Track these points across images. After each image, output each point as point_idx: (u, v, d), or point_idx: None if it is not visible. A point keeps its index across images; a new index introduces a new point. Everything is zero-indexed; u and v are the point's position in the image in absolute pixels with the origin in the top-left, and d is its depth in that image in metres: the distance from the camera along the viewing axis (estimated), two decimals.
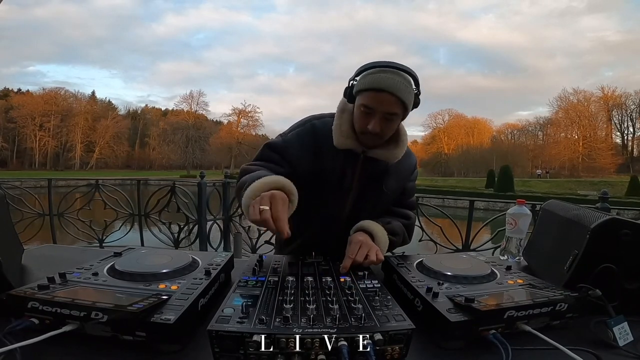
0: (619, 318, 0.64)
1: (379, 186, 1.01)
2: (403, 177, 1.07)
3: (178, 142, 47.74)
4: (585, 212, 0.84)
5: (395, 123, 0.92)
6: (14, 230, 0.94)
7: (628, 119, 46.49)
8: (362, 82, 0.89)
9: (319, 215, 1.04)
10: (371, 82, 0.87)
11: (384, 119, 0.88)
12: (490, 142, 54.62)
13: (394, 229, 1.02)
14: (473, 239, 2.66)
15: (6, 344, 0.50)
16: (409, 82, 0.88)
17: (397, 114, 0.89)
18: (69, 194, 3.39)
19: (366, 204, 1.03)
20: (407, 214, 1.11)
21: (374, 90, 0.86)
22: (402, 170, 1.06)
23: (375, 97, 0.86)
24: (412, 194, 1.15)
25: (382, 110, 0.87)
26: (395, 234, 1.02)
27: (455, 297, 0.64)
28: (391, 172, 1.02)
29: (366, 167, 0.99)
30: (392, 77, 0.86)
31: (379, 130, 0.89)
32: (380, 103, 0.87)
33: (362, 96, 0.89)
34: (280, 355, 0.50)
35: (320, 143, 0.97)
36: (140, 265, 0.74)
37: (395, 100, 0.86)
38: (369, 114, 0.88)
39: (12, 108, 43.46)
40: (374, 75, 0.87)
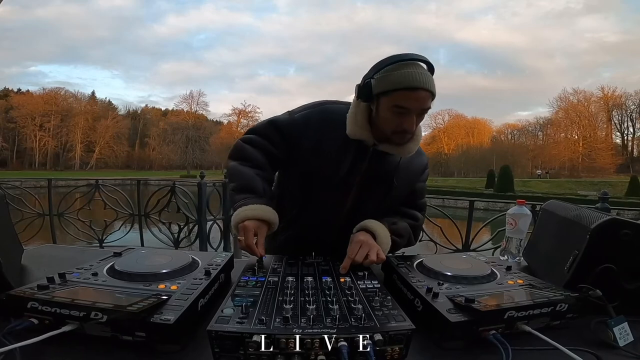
0: (619, 318, 0.64)
1: (387, 181, 0.97)
2: (413, 175, 1.04)
3: (178, 142, 47.74)
4: (585, 212, 0.84)
5: (424, 116, 0.90)
6: (13, 230, 0.94)
7: (628, 119, 46.55)
8: (390, 81, 0.83)
9: (316, 206, 1.01)
10: (402, 81, 0.82)
11: (419, 115, 0.86)
12: (490, 142, 54.64)
13: (398, 230, 1.00)
14: (473, 239, 2.66)
15: (6, 344, 0.50)
16: (430, 73, 0.86)
17: (430, 107, 0.86)
18: (69, 194, 3.39)
19: (370, 199, 1.00)
20: (415, 215, 1.08)
21: (408, 89, 0.82)
22: (412, 168, 1.03)
23: (410, 96, 0.82)
24: (422, 194, 1.12)
25: (419, 108, 0.85)
26: (400, 235, 1.00)
27: (455, 298, 0.63)
28: (401, 168, 0.98)
29: (374, 161, 0.95)
30: (421, 72, 0.83)
31: (414, 129, 0.87)
32: (417, 101, 0.83)
33: (394, 96, 0.83)
34: (280, 355, 0.50)
35: (329, 129, 0.94)
36: (140, 265, 0.74)
37: (429, 95, 0.84)
38: (403, 114, 0.84)
39: (12, 108, 43.46)
40: (402, 73, 0.82)
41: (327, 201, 1.00)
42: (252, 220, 0.86)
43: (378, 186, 0.98)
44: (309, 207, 1.02)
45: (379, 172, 0.97)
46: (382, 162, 0.96)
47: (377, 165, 0.96)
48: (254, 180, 0.93)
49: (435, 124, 58.01)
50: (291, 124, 0.97)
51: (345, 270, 0.78)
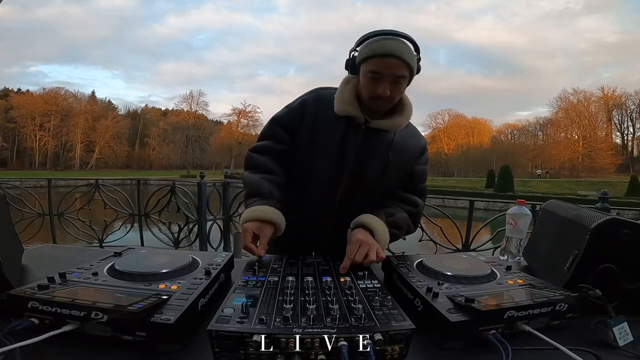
0: (619, 318, 0.64)
1: (382, 157, 0.98)
2: (409, 155, 1.04)
3: (178, 142, 47.72)
4: (585, 212, 0.84)
5: (403, 86, 0.94)
6: (14, 230, 0.94)
7: (628, 119, 46.53)
8: (367, 50, 0.90)
9: (315, 185, 1.01)
10: (377, 49, 0.88)
11: (393, 82, 0.90)
12: (490, 142, 54.63)
13: (397, 222, 0.99)
14: (473, 239, 2.66)
15: (6, 344, 0.50)
16: (411, 48, 0.91)
17: (404, 76, 0.91)
18: (68, 193, 3.39)
19: (365, 178, 1.00)
20: (414, 200, 1.06)
21: (381, 55, 0.88)
22: (408, 148, 1.03)
23: (383, 62, 0.88)
24: (422, 178, 1.09)
25: (391, 74, 0.89)
26: (399, 227, 1.00)
27: (455, 297, 0.64)
28: (395, 144, 0.99)
29: (368, 138, 0.98)
30: (397, 43, 0.88)
31: (388, 93, 0.90)
32: (389, 67, 0.88)
33: (369, 63, 0.90)
34: (280, 355, 0.50)
35: (322, 111, 0.99)
36: (140, 265, 0.74)
37: (402, 64, 0.88)
38: (377, 79, 0.90)
39: (12, 108, 43.44)
40: (379, 42, 0.89)
41: (326, 180, 1.00)
42: (252, 222, 0.89)
43: (373, 163, 0.99)
44: (309, 189, 1.03)
45: (373, 148, 0.98)
46: (376, 138, 0.98)
47: (371, 142, 0.98)
48: (259, 184, 0.96)
49: (435, 124, 58.07)
50: (290, 114, 1.02)
51: (345, 270, 0.78)
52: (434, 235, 2.77)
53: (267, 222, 0.90)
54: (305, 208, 1.05)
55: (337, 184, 1.01)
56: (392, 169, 1.00)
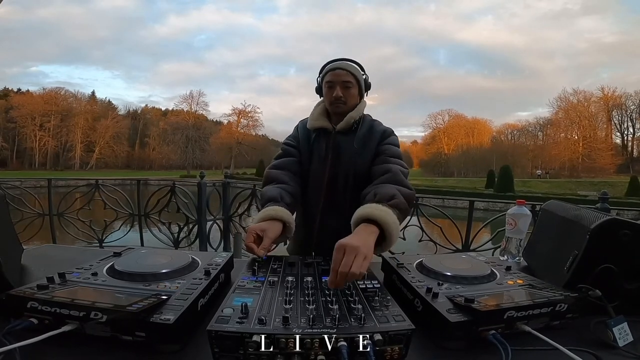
0: (618, 318, 0.64)
1: (350, 147, 1.20)
2: (373, 139, 1.21)
3: (178, 142, 47.65)
4: (585, 212, 0.84)
5: (352, 90, 1.20)
6: (13, 230, 0.94)
7: (628, 119, 46.49)
8: (324, 71, 1.23)
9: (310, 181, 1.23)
10: (328, 67, 1.22)
11: (343, 87, 1.18)
12: (490, 143, 54.59)
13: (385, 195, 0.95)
14: (473, 240, 2.66)
15: (6, 344, 0.50)
16: (356, 66, 1.22)
17: (350, 82, 1.19)
18: (68, 194, 3.38)
19: (341, 167, 1.20)
20: (386, 167, 1.08)
21: (331, 70, 1.20)
22: (370, 137, 1.22)
23: (333, 73, 1.19)
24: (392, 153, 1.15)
25: (340, 81, 1.18)
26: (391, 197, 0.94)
27: (455, 298, 0.64)
28: (359, 137, 1.21)
29: (337, 139, 1.22)
30: (343, 61, 1.22)
31: (340, 95, 1.18)
32: (338, 76, 1.18)
33: (325, 79, 1.21)
34: (280, 355, 0.50)
35: (307, 131, 1.27)
36: (139, 265, 0.74)
37: (347, 73, 1.18)
38: (331, 87, 1.19)
39: (12, 108, 43.42)
40: (331, 64, 1.22)
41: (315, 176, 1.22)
42: (258, 223, 0.95)
43: (345, 154, 1.20)
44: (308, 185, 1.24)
45: (343, 144, 1.21)
46: (344, 139, 1.22)
47: (341, 140, 1.21)
48: (272, 192, 1.08)
49: (435, 124, 58.04)
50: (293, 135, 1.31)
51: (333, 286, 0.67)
52: (433, 235, 2.77)
53: (276, 220, 0.96)
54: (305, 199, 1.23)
55: (323, 175, 1.20)
56: (359, 157, 1.18)
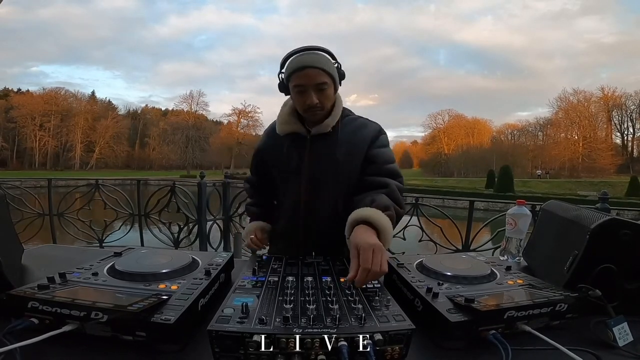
0: (618, 318, 0.64)
1: (331, 157, 1.04)
2: (360, 145, 1.05)
3: (178, 142, 47.68)
4: (585, 212, 0.84)
5: (329, 91, 1.00)
6: (13, 230, 0.94)
7: (628, 119, 46.50)
8: (288, 68, 1.00)
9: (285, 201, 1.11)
10: (295, 65, 0.97)
11: (317, 90, 0.98)
12: (490, 143, 54.58)
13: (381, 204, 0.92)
14: (473, 240, 2.65)
15: (6, 343, 0.50)
16: (327, 57, 1.00)
17: (326, 82, 0.98)
18: (68, 194, 3.38)
19: (321, 180, 1.04)
20: (382, 182, 1.01)
21: (299, 69, 0.97)
22: (357, 140, 1.06)
23: (302, 75, 0.97)
24: (384, 160, 1.05)
25: (313, 83, 0.97)
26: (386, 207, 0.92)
27: (455, 298, 0.64)
28: (342, 143, 1.05)
29: (315, 146, 1.05)
30: (311, 55, 0.98)
31: (316, 101, 0.98)
32: (309, 78, 0.96)
33: (292, 79, 0.99)
34: (280, 355, 0.50)
35: (274, 137, 1.11)
36: (140, 265, 0.74)
37: (320, 72, 0.97)
38: (303, 92, 0.98)
39: (12, 108, 43.41)
40: (296, 59, 0.98)
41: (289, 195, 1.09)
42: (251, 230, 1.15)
43: (326, 164, 1.04)
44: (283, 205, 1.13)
45: (323, 151, 1.05)
46: (323, 144, 1.05)
47: (319, 149, 1.05)
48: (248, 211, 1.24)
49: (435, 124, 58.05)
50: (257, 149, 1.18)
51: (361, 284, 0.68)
52: (434, 235, 2.77)
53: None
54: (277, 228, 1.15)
55: (298, 194, 1.06)
56: (344, 167, 1.04)
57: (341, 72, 1.05)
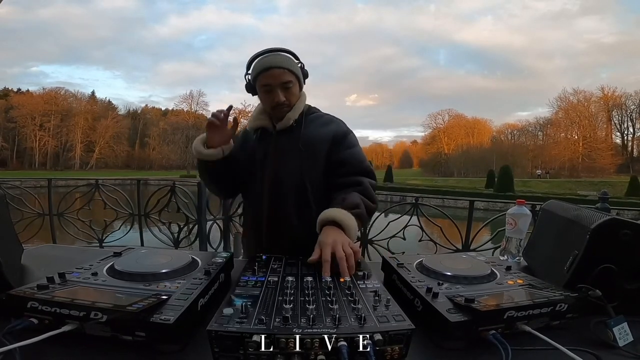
0: (618, 318, 0.64)
1: (295, 151, 1.09)
2: (324, 140, 1.10)
3: (178, 142, 47.68)
4: (585, 212, 0.84)
5: (294, 89, 1.09)
6: (13, 230, 0.94)
7: (628, 119, 46.53)
8: (254, 70, 1.07)
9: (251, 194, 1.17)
10: (260, 66, 1.05)
11: (283, 89, 1.06)
12: (490, 142, 54.64)
13: (351, 202, 0.99)
14: (473, 239, 2.65)
15: (6, 344, 0.50)
16: (290, 57, 1.09)
17: (291, 81, 1.06)
18: (68, 193, 3.38)
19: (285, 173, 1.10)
20: (356, 180, 1.07)
21: (265, 70, 1.04)
22: (321, 135, 1.11)
23: (268, 75, 1.04)
24: (357, 159, 1.10)
25: (278, 82, 1.05)
26: (355, 205, 0.99)
27: (455, 298, 0.63)
28: (306, 137, 1.10)
29: (280, 140, 1.12)
30: (275, 56, 1.06)
31: (283, 99, 1.06)
32: (274, 77, 1.04)
33: (259, 80, 1.07)
34: (280, 355, 0.50)
35: (246, 135, 1.20)
36: (140, 265, 0.74)
37: (285, 71, 1.05)
38: (269, 91, 1.06)
39: (12, 108, 43.42)
40: (261, 61, 1.06)
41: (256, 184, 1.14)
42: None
43: (291, 156, 1.10)
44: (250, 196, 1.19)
45: (287, 147, 1.11)
46: (287, 139, 1.12)
47: (284, 143, 1.12)
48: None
49: (435, 124, 58.11)
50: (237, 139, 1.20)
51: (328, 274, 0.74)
52: (433, 235, 2.76)
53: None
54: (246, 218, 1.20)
55: (263, 184, 1.12)
56: (308, 161, 1.09)
57: (305, 71, 1.13)
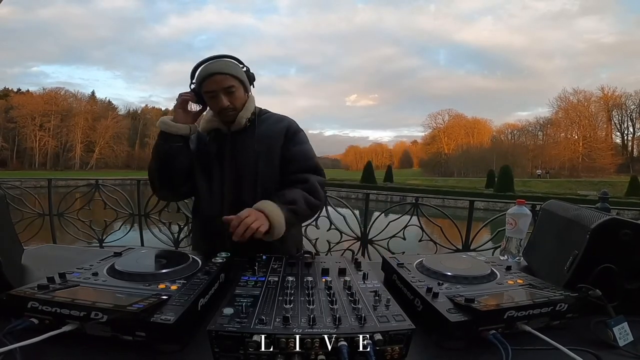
0: (619, 318, 0.64)
1: (250, 151, 1.13)
2: (277, 138, 1.14)
3: None
4: (585, 212, 0.84)
5: (238, 93, 1.10)
6: (13, 230, 0.94)
7: (628, 119, 46.54)
8: (198, 78, 1.09)
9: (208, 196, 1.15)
10: (203, 73, 1.07)
11: (226, 93, 1.08)
12: (490, 142, 54.67)
13: (288, 197, 1.05)
14: (473, 239, 2.65)
15: (6, 344, 0.50)
16: (233, 62, 1.10)
17: (233, 85, 1.08)
18: (69, 194, 3.38)
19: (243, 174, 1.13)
20: (303, 177, 1.11)
21: (206, 77, 1.06)
22: (273, 134, 1.15)
23: (209, 82, 1.06)
24: (304, 156, 1.15)
25: (221, 88, 1.07)
26: (292, 201, 1.04)
27: (455, 297, 0.64)
28: (260, 137, 1.14)
29: (235, 142, 1.15)
30: (216, 63, 1.08)
31: (227, 104, 1.08)
32: (217, 83, 1.06)
33: (203, 87, 1.08)
34: (280, 355, 0.50)
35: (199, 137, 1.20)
36: (140, 265, 0.74)
37: (226, 77, 1.06)
38: (214, 97, 1.08)
39: (12, 108, 43.42)
40: (203, 68, 1.08)
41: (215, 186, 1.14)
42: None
43: (246, 158, 1.13)
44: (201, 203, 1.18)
45: (242, 147, 1.14)
46: (242, 139, 1.15)
47: (240, 144, 1.15)
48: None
49: (435, 124, 58.13)
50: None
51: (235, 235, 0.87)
52: (434, 235, 2.76)
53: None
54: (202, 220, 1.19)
55: (222, 185, 1.13)
56: (264, 159, 1.13)
57: (250, 75, 1.14)
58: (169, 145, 1.08)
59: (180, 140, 1.09)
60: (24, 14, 65.97)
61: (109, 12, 78.26)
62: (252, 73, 1.15)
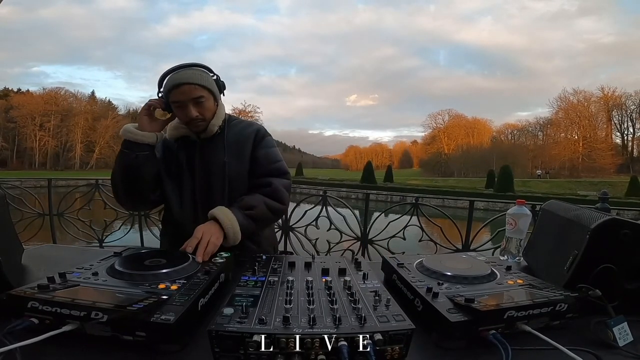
0: (618, 318, 0.64)
1: (220, 158, 1.12)
2: (246, 143, 1.15)
3: None
4: (585, 212, 0.84)
5: (207, 103, 1.08)
6: (13, 230, 0.94)
7: (628, 119, 46.56)
8: (165, 87, 1.06)
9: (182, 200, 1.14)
10: (170, 83, 1.04)
11: (195, 103, 1.05)
12: (490, 143, 54.69)
13: (247, 203, 1.06)
14: (473, 239, 2.66)
15: (6, 344, 0.50)
16: (202, 71, 1.07)
17: (202, 96, 1.05)
18: (69, 193, 3.38)
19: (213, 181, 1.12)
20: (266, 181, 1.13)
21: (174, 87, 1.03)
22: (242, 139, 1.15)
23: (178, 92, 1.03)
24: (269, 160, 1.16)
25: (189, 98, 1.04)
26: (250, 206, 1.06)
27: (455, 297, 0.64)
28: (229, 144, 1.13)
29: (205, 150, 1.13)
30: (184, 72, 1.04)
31: (196, 114, 1.06)
32: (185, 94, 1.03)
33: (171, 96, 1.05)
34: (280, 355, 0.50)
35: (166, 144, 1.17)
36: (140, 265, 0.74)
37: (194, 87, 1.03)
38: (182, 107, 1.05)
39: (12, 108, 43.42)
40: (171, 78, 1.05)
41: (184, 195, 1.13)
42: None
43: (216, 166, 1.12)
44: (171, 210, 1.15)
45: (213, 155, 1.13)
46: (212, 148, 1.13)
47: (210, 152, 1.13)
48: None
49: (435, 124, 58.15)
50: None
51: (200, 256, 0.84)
52: (434, 235, 2.77)
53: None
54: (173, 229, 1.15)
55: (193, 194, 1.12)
56: (234, 166, 1.12)
57: (220, 83, 1.12)
58: (134, 154, 1.03)
59: (146, 149, 1.05)
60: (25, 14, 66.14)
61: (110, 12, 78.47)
62: (222, 82, 1.13)
